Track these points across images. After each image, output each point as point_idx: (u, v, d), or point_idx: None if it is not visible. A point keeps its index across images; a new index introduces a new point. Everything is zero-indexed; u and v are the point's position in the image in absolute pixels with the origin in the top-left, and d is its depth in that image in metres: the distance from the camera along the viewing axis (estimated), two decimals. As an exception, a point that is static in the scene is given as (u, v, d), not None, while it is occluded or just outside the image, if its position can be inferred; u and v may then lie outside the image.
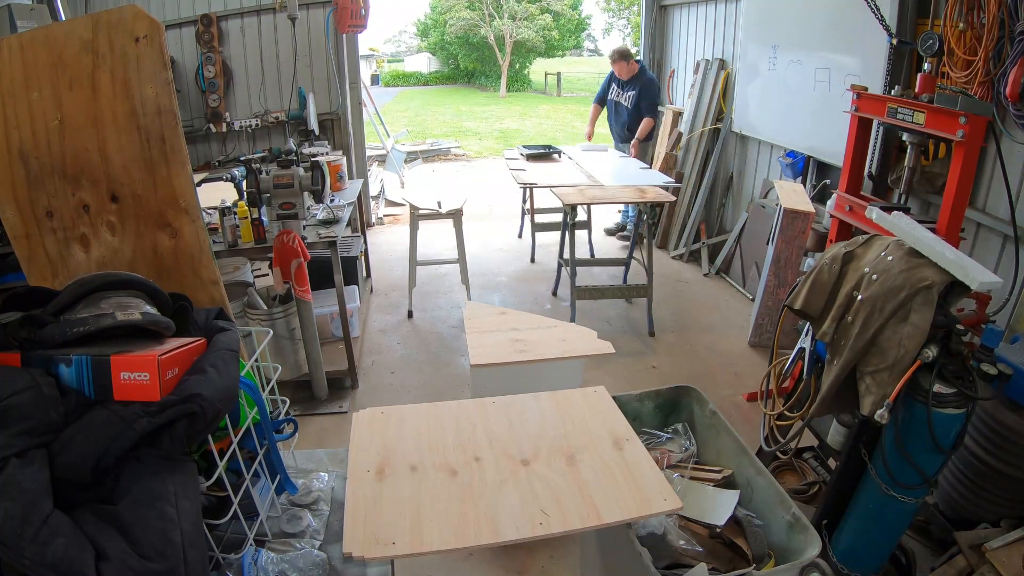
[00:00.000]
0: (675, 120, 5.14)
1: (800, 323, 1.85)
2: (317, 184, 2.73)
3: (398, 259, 4.84)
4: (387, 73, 27.77)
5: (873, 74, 2.83)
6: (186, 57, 4.74)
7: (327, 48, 4.91)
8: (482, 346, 2.01)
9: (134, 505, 0.73)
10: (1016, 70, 2.07)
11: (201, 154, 4.95)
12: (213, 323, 0.98)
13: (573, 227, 3.62)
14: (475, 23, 24.27)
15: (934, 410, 1.39)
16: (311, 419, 2.86)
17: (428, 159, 10.04)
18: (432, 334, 3.73)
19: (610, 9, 29.37)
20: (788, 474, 2.13)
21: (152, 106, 1.06)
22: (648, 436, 1.68)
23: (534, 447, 1.17)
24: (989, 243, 2.46)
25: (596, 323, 3.76)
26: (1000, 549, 1.62)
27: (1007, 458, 1.66)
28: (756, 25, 4.04)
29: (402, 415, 1.27)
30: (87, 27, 1.03)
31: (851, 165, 2.51)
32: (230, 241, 2.66)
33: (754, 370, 3.22)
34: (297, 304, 2.77)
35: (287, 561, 0.99)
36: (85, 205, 1.08)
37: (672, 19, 5.42)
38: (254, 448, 1.01)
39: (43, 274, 1.09)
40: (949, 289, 1.39)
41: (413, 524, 0.97)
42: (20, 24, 3.05)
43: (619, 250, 5.11)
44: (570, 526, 0.99)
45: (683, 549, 1.33)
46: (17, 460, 0.69)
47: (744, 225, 4.32)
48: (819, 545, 1.22)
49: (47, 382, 0.76)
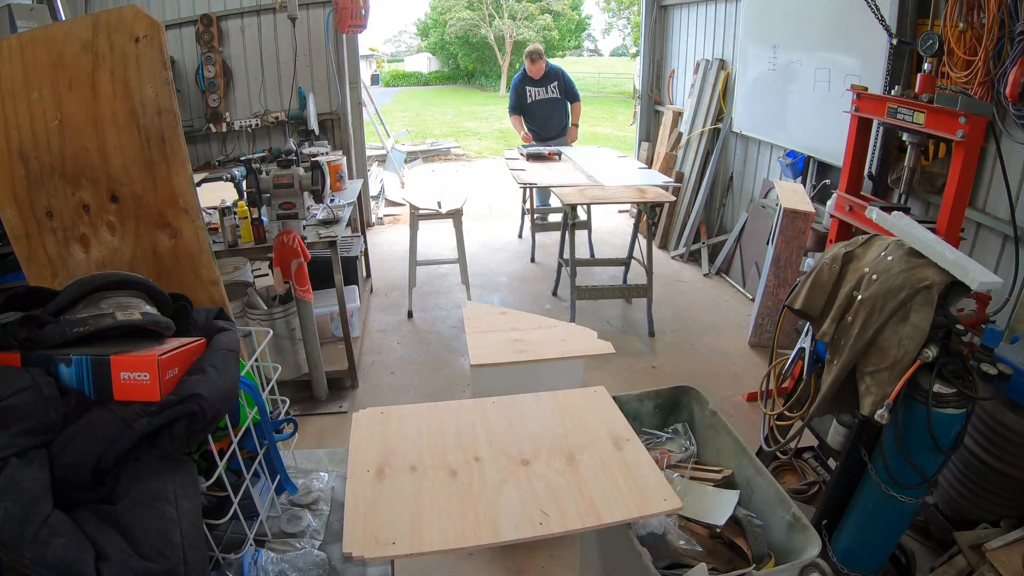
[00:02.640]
0: (675, 120, 5.14)
1: (800, 323, 1.85)
2: (317, 184, 2.73)
3: (398, 259, 4.84)
4: (387, 73, 27.80)
5: (873, 74, 2.83)
6: (186, 57, 4.74)
7: (327, 48, 4.91)
8: (482, 346, 2.01)
9: (134, 505, 0.73)
10: (1016, 70, 2.07)
11: (201, 154, 4.95)
12: (213, 323, 0.98)
13: (573, 227, 3.62)
14: (475, 23, 24.28)
15: (934, 410, 1.39)
16: (311, 419, 2.86)
17: (428, 159, 10.05)
18: (432, 334, 3.73)
19: (610, 9, 29.41)
20: (788, 474, 2.13)
21: (152, 106, 1.06)
22: (648, 436, 1.68)
23: (534, 447, 1.17)
24: (989, 243, 2.46)
25: (596, 323, 3.76)
26: (1000, 549, 1.62)
27: (1007, 458, 1.66)
28: (756, 25, 4.04)
29: (402, 415, 1.27)
30: (87, 27, 1.03)
31: (851, 165, 2.51)
32: (230, 241, 2.66)
33: (754, 370, 3.22)
34: (297, 304, 2.77)
35: (287, 561, 0.99)
36: (85, 205, 1.08)
37: (672, 19, 5.42)
38: (254, 448, 1.01)
39: (43, 274, 1.09)
40: (949, 289, 1.39)
41: (413, 524, 0.97)
42: (20, 24, 3.05)
43: (621, 247, 5.12)
44: (570, 526, 0.99)
45: (683, 549, 1.33)
46: (17, 460, 0.69)
47: (744, 225, 4.32)
48: (819, 545, 1.22)
49: (47, 382, 0.76)
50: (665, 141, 5.26)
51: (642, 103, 5.93)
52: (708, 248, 4.76)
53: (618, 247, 5.10)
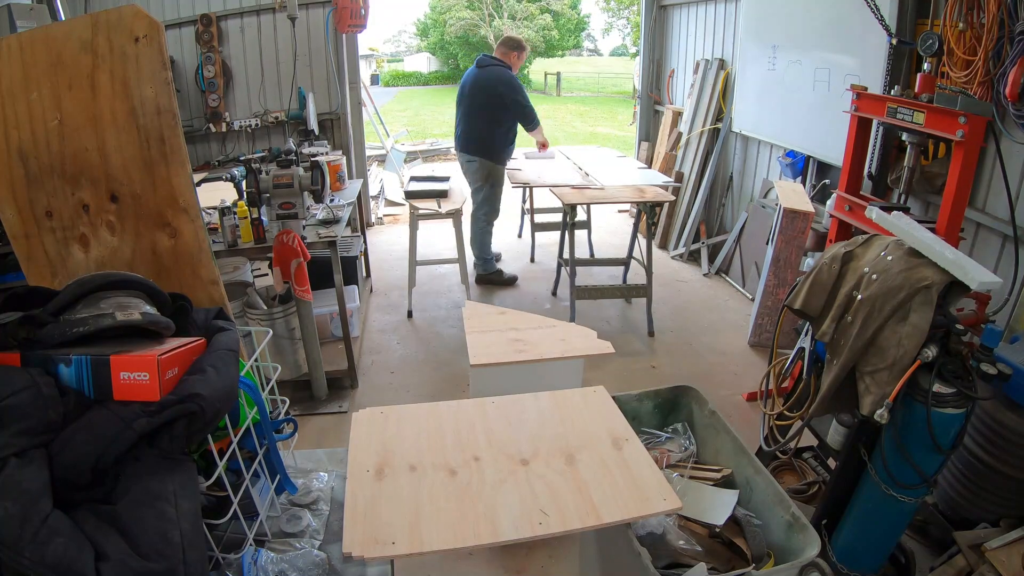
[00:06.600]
0: (675, 120, 5.14)
1: (800, 323, 1.85)
2: (317, 184, 2.73)
3: (398, 259, 4.84)
4: (387, 73, 27.79)
5: (873, 74, 2.83)
6: (186, 57, 4.74)
7: (327, 48, 4.90)
8: (482, 346, 2.02)
9: (133, 505, 0.73)
10: (1016, 70, 2.07)
11: (201, 154, 4.94)
12: (213, 323, 0.98)
13: (573, 227, 3.62)
14: (475, 23, 24.29)
15: (934, 410, 1.39)
16: (311, 419, 2.86)
17: (428, 159, 10.04)
18: (432, 334, 3.73)
19: (609, 9, 29.41)
20: (787, 474, 2.13)
21: (151, 106, 1.05)
22: (647, 436, 1.68)
23: (533, 447, 1.17)
24: (989, 243, 2.46)
25: (596, 323, 3.76)
26: (999, 549, 1.62)
27: (1006, 458, 1.66)
28: (756, 25, 4.04)
29: (401, 415, 1.27)
30: (86, 27, 1.03)
31: (851, 165, 2.51)
32: (230, 241, 2.66)
33: (753, 370, 3.22)
34: (297, 304, 2.77)
35: (287, 561, 0.99)
36: (84, 205, 1.08)
37: (672, 19, 5.42)
38: (254, 448, 1.01)
39: (42, 274, 1.09)
40: (949, 289, 1.39)
41: (412, 524, 0.97)
42: (20, 24, 3.05)
43: (620, 247, 5.12)
44: (569, 526, 0.99)
45: (682, 549, 1.33)
46: (16, 460, 0.69)
47: (744, 225, 4.32)
48: (818, 545, 1.22)
49: (46, 382, 0.76)
50: (665, 141, 5.26)
51: (642, 103, 5.94)
52: (708, 248, 4.76)
53: (618, 247, 5.10)
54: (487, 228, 4.31)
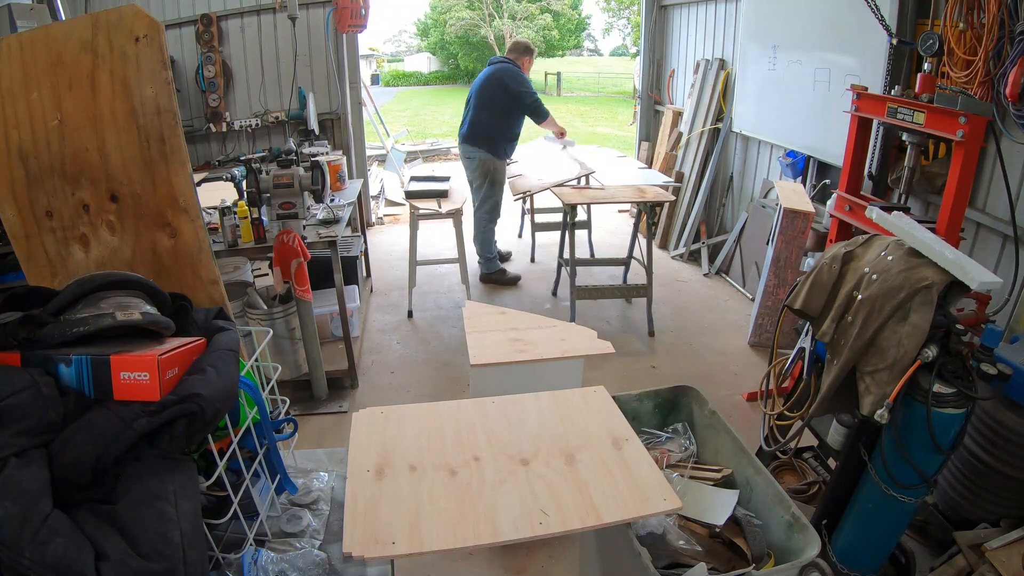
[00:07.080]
0: (675, 120, 5.14)
1: (800, 323, 1.85)
2: (317, 184, 2.73)
3: (398, 259, 4.84)
4: (387, 73, 27.80)
5: (873, 74, 2.83)
6: (186, 57, 4.74)
7: (327, 48, 4.90)
8: (482, 346, 2.02)
9: (133, 505, 0.73)
10: (1016, 70, 2.07)
11: (201, 154, 4.95)
12: (213, 323, 0.98)
13: (573, 227, 3.62)
14: (475, 23, 24.29)
15: (934, 410, 1.39)
16: (311, 419, 2.86)
17: (428, 159, 10.03)
18: (432, 334, 3.73)
19: (610, 9, 29.42)
20: (788, 474, 2.13)
21: (152, 106, 1.05)
22: (647, 436, 1.68)
23: (533, 447, 1.17)
24: (989, 243, 2.46)
25: (596, 323, 3.76)
26: (1000, 549, 1.62)
27: (1006, 458, 1.66)
28: (756, 25, 4.04)
29: (401, 415, 1.27)
30: (86, 27, 1.03)
31: (851, 165, 2.51)
32: (230, 241, 2.66)
33: (753, 370, 3.22)
34: (297, 304, 2.77)
35: (287, 561, 0.99)
36: (85, 205, 1.08)
37: (672, 19, 5.42)
38: (254, 448, 1.01)
39: (42, 274, 1.09)
40: (949, 289, 1.39)
41: (412, 524, 0.97)
42: (20, 24, 3.05)
43: (620, 247, 5.11)
44: (569, 526, 0.99)
45: (682, 549, 1.33)
46: (16, 460, 0.69)
47: (744, 225, 4.32)
48: (818, 545, 1.22)
49: (46, 382, 0.76)
50: (665, 141, 5.26)
51: (642, 103, 5.94)
52: (708, 248, 4.76)
53: (618, 247, 5.10)
54: (489, 227, 4.34)
